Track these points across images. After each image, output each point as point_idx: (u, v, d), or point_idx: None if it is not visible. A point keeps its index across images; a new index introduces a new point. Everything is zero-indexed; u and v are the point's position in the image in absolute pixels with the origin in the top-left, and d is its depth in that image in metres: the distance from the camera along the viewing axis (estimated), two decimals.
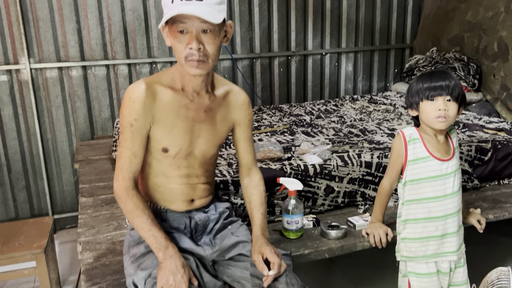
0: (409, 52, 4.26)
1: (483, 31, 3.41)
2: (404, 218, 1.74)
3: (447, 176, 1.68)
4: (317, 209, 2.11)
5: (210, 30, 1.38)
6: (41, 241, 2.32)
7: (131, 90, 1.45)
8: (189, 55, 1.38)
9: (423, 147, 1.69)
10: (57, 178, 3.35)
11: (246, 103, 1.64)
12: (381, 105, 3.49)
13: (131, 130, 1.45)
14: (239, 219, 1.72)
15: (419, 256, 1.72)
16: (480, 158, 2.36)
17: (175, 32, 1.39)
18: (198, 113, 1.53)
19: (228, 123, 1.62)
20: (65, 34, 3.18)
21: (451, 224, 1.70)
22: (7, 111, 3.14)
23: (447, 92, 1.62)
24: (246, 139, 1.68)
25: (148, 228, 1.43)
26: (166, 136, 1.50)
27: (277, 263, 1.45)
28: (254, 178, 1.71)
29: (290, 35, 3.80)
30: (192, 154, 1.56)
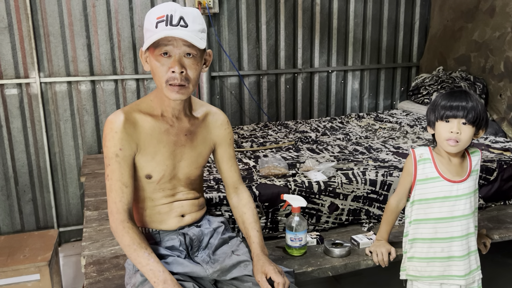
0: (415, 70, 4.28)
1: (490, 51, 3.42)
2: (411, 237, 1.74)
3: (457, 198, 1.66)
4: (321, 227, 2.10)
5: (193, 55, 1.41)
6: (46, 254, 2.33)
7: (111, 121, 1.45)
8: (170, 79, 1.40)
9: (433, 167, 1.67)
10: (63, 191, 3.37)
11: (225, 122, 1.66)
12: (387, 123, 3.49)
13: (117, 161, 1.45)
14: (239, 236, 1.71)
15: (424, 276, 1.71)
16: (486, 177, 2.35)
17: (157, 56, 1.40)
18: (179, 137, 1.54)
19: (209, 144, 1.64)
20: (75, 49, 3.24)
21: (457, 248, 1.67)
22: (16, 124, 3.18)
23: (462, 114, 1.56)
24: (230, 158, 1.68)
25: (145, 262, 1.41)
26: (149, 163, 1.50)
27: (281, 283, 1.45)
28: (243, 196, 1.70)
29: (297, 53, 3.84)
30: (175, 177, 1.57)
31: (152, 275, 1.40)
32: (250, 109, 3.78)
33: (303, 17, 3.79)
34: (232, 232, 1.72)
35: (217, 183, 2.15)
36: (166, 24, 1.37)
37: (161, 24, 1.37)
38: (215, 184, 2.12)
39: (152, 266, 1.41)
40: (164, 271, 1.41)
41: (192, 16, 1.40)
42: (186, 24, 1.38)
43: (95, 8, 3.23)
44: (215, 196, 1.97)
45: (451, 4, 3.84)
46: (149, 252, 1.43)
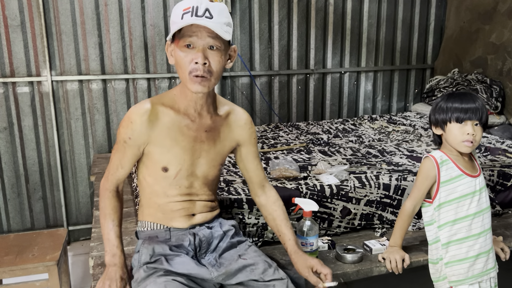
0: (430, 72, 4.21)
1: (507, 53, 3.35)
2: (445, 241, 1.70)
3: (480, 192, 1.70)
4: (333, 231, 2.06)
5: (217, 48, 1.42)
6: (55, 253, 2.31)
7: (132, 111, 1.51)
8: (193, 70, 1.41)
9: (455, 166, 1.69)
10: (73, 190, 3.37)
11: (249, 122, 1.66)
12: (400, 125, 3.43)
13: (124, 146, 1.52)
14: (248, 240, 1.68)
15: (468, 278, 1.68)
16: (503, 183, 2.29)
17: (181, 47, 1.42)
18: (199, 133, 1.54)
19: (229, 143, 1.63)
20: (87, 48, 3.23)
21: (489, 240, 1.71)
22: (27, 122, 3.19)
23: (476, 116, 1.63)
24: (255, 157, 1.69)
25: (107, 231, 1.52)
26: (165, 155, 1.52)
27: (329, 273, 1.53)
28: (271, 194, 1.71)
29: (309, 53, 3.80)
30: (193, 174, 1.57)
31: (107, 244, 1.52)
32: (261, 109, 3.75)
33: (316, 17, 3.74)
34: (242, 236, 1.70)
35: (227, 185, 2.11)
36: (192, 15, 1.38)
37: (186, 15, 1.38)
38: (225, 186, 2.09)
39: (110, 237, 1.51)
40: (118, 247, 1.51)
41: (218, 9, 1.40)
42: (211, 16, 1.38)
43: (107, 7, 3.22)
44: (226, 198, 1.94)
45: (468, 5, 3.77)
46: (115, 224, 1.53)
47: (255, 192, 1.72)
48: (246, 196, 1.95)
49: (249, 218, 1.94)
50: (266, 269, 1.52)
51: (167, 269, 1.47)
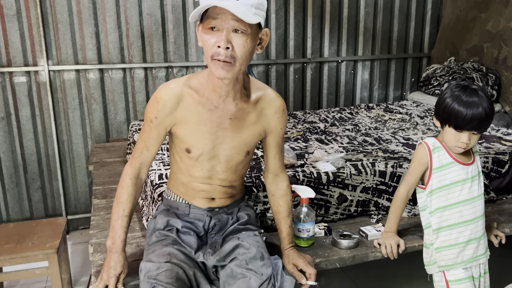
0: (426, 61, 4.22)
1: (503, 41, 3.36)
2: (436, 226, 1.73)
3: (472, 179, 1.71)
4: (330, 218, 2.09)
5: (242, 31, 1.33)
6: (54, 241, 2.34)
7: (159, 90, 1.50)
8: (215, 54, 1.34)
9: (447, 154, 1.71)
10: (71, 179, 3.39)
11: (280, 111, 1.59)
12: (396, 114, 3.45)
13: (149, 125, 1.51)
14: (258, 230, 1.68)
15: (457, 263, 1.71)
16: (497, 170, 2.31)
17: (206, 29, 1.36)
18: (222, 119, 1.51)
19: (257, 130, 1.58)
20: (83, 37, 3.22)
21: (481, 227, 1.73)
22: (24, 112, 3.19)
23: (476, 128, 1.61)
24: (276, 146, 1.65)
25: (115, 218, 1.53)
26: (189, 138, 1.52)
27: (313, 273, 1.59)
28: (281, 186, 1.71)
29: (306, 42, 3.80)
30: (216, 158, 1.56)
31: (111, 230, 1.54)
32: None
33: (313, 6, 3.74)
34: (254, 226, 1.69)
35: None
36: None
37: None
38: None
39: (116, 225, 1.53)
40: (119, 237, 1.52)
41: None
42: None
43: None
44: None
45: None
46: (124, 214, 1.53)
47: (267, 177, 1.72)
48: (245, 184, 1.97)
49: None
50: (256, 258, 1.51)
51: (175, 239, 1.55)
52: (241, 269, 1.48)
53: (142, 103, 3.44)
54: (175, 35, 3.42)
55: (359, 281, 2.65)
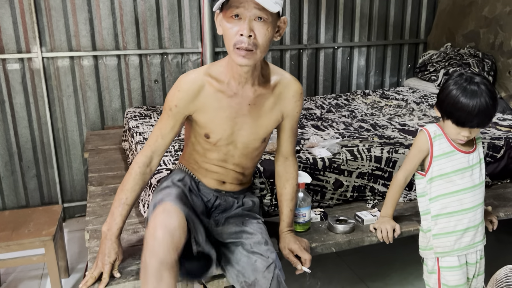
0: (422, 47, 4.20)
1: (500, 26, 3.35)
2: (435, 213, 1.73)
3: (473, 168, 1.70)
4: (326, 203, 2.09)
5: (264, 20, 1.37)
6: (50, 228, 2.33)
7: (180, 79, 1.53)
8: (238, 42, 1.38)
9: (447, 142, 1.70)
10: (67, 167, 3.37)
11: (298, 94, 1.61)
12: (393, 100, 3.45)
13: (168, 114, 1.54)
14: (260, 218, 1.71)
15: (454, 250, 1.71)
16: (493, 155, 2.32)
17: (228, 17, 1.38)
18: (241, 106, 1.54)
19: (275, 116, 1.61)
20: (77, 24, 3.19)
21: (479, 214, 1.72)
22: (18, 99, 3.16)
23: (478, 125, 1.60)
24: (290, 129, 1.68)
25: (116, 205, 1.53)
26: (208, 124, 1.55)
27: (308, 259, 1.59)
28: (289, 170, 1.73)
29: (302, 28, 3.77)
30: (233, 143, 1.59)
31: (110, 217, 1.53)
32: None
33: None
34: (258, 214, 1.73)
35: None
36: None
37: None
38: None
39: (115, 212, 1.52)
40: (116, 224, 1.52)
41: None
42: None
43: None
44: None
45: None
46: (126, 202, 1.52)
47: (277, 159, 1.75)
48: None
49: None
50: (261, 243, 1.56)
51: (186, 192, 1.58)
52: (246, 252, 1.53)
53: (137, 90, 3.42)
54: (169, 21, 3.39)
55: (355, 267, 2.67)
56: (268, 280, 1.47)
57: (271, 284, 1.47)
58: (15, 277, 2.64)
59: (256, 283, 1.47)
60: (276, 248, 1.68)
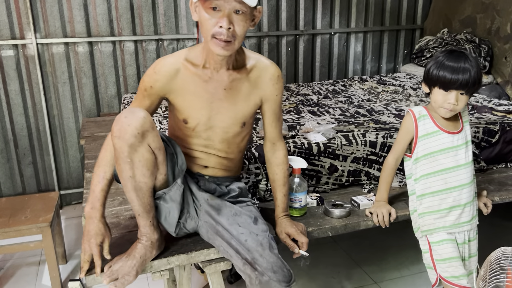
0: (419, 33, 4.18)
1: (496, 12, 3.33)
2: (420, 193, 1.76)
3: (458, 148, 1.72)
4: (321, 188, 2.10)
5: (243, 12, 1.41)
6: (47, 215, 2.34)
7: (157, 62, 1.56)
8: (217, 33, 1.41)
9: (432, 122, 1.73)
10: (63, 154, 3.37)
11: (276, 77, 1.62)
12: (390, 86, 3.44)
13: (143, 94, 1.56)
14: (249, 200, 1.72)
15: (439, 228, 1.74)
16: (488, 140, 2.33)
17: (207, 8, 1.40)
18: (217, 90, 1.56)
19: (253, 100, 1.62)
20: (71, 9, 3.16)
21: (466, 194, 1.74)
22: (13, 86, 3.14)
23: (463, 88, 1.62)
24: (272, 114, 1.67)
25: (95, 182, 1.50)
26: (185, 109, 1.57)
27: (305, 243, 1.61)
28: (279, 155, 1.73)
29: (299, 14, 3.75)
30: (212, 128, 1.60)
31: (90, 195, 1.50)
32: None
33: None
34: (246, 197, 1.73)
35: None
36: None
37: None
38: None
39: (96, 188, 1.49)
40: (99, 200, 1.49)
41: None
42: None
43: None
44: None
45: None
46: (105, 177, 1.50)
47: (265, 145, 1.75)
48: None
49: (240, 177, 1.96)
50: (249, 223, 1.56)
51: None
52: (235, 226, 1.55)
53: (132, 77, 3.40)
54: (165, 7, 3.36)
55: (351, 252, 2.69)
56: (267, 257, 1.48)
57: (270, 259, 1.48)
58: (12, 264, 2.65)
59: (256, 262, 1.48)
60: (273, 232, 1.70)
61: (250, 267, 1.48)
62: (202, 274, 2.32)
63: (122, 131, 1.37)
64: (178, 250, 1.61)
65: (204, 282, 2.37)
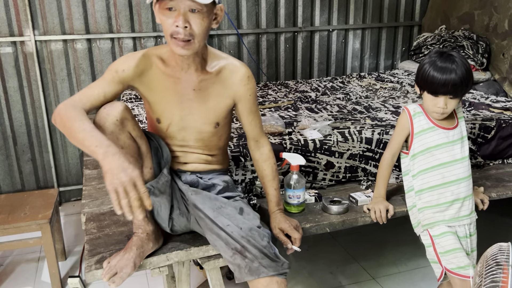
0: (417, 30, 4.19)
1: (494, 8, 3.34)
2: (418, 188, 1.78)
3: (453, 143, 1.75)
4: (318, 184, 2.11)
5: (199, 10, 1.40)
6: (46, 211, 2.35)
7: (131, 52, 1.56)
8: (174, 33, 1.41)
9: (427, 119, 1.76)
10: (62, 151, 3.37)
11: (246, 78, 1.61)
12: (388, 83, 3.45)
13: (112, 75, 1.49)
14: (239, 195, 1.69)
15: (439, 221, 1.75)
16: (484, 136, 2.34)
17: (163, 9, 1.41)
18: (186, 90, 1.56)
19: (224, 100, 1.61)
20: (70, 6, 3.16)
21: (464, 188, 1.76)
22: (12, 83, 3.15)
23: (451, 92, 1.65)
24: (249, 113, 1.66)
25: (89, 129, 1.29)
26: (157, 107, 1.57)
27: (298, 238, 1.62)
28: (264, 151, 1.72)
29: (297, 11, 3.75)
30: (185, 129, 1.61)
31: (94, 140, 1.26)
32: None
33: None
34: (235, 192, 1.70)
35: None
36: None
37: None
38: None
39: (95, 133, 1.29)
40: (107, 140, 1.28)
41: None
42: None
43: None
44: None
45: None
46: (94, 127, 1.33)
47: (250, 146, 1.74)
48: (231, 153, 1.98)
49: (236, 175, 1.98)
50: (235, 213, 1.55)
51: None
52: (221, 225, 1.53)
53: None
54: None
55: (349, 247, 2.70)
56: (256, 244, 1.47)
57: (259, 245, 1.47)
58: (12, 260, 2.67)
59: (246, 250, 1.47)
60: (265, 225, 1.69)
61: (240, 256, 1.47)
62: (201, 270, 2.33)
63: (102, 120, 1.40)
64: (177, 246, 1.63)
65: (203, 278, 2.38)
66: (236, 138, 2.16)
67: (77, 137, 1.30)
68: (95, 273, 1.50)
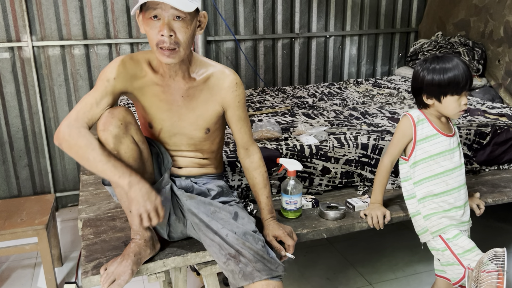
0: (414, 36, 4.22)
1: (489, 15, 3.37)
2: (421, 196, 1.77)
3: (453, 150, 1.77)
4: (314, 189, 2.12)
5: (182, 18, 1.40)
6: (43, 217, 2.34)
7: (121, 57, 1.54)
8: (160, 42, 1.41)
9: (430, 126, 1.76)
10: (59, 157, 3.37)
11: (233, 85, 1.60)
12: (385, 89, 3.47)
13: (105, 85, 1.48)
14: (234, 199, 1.71)
15: (447, 226, 1.75)
16: (479, 142, 2.35)
17: (147, 19, 1.42)
18: (174, 97, 1.57)
19: (213, 106, 1.61)
20: (67, 12, 3.17)
21: (464, 195, 1.78)
22: (9, 88, 3.15)
23: (470, 84, 1.68)
24: (239, 120, 1.65)
25: (106, 159, 1.38)
26: (148, 110, 1.59)
27: (292, 245, 1.62)
28: (254, 159, 1.71)
29: (294, 17, 3.77)
30: (176, 135, 1.62)
31: (115, 170, 1.37)
32: (246, 74, 3.74)
33: None
34: (230, 197, 1.72)
35: None
36: None
37: None
38: None
39: (114, 162, 1.38)
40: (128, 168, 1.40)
41: None
42: None
43: None
44: None
45: None
46: (108, 152, 1.40)
47: (239, 154, 1.73)
48: (227, 159, 1.99)
49: (232, 180, 1.98)
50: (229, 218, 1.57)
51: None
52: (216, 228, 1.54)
53: None
54: None
55: (346, 253, 2.70)
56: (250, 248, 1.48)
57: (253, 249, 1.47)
58: (8, 266, 2.65)
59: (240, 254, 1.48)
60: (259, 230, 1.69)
61: (234, 261, 1.47)
62: (198, 276, 2.33)
63: (106, 123, 1.42)
64: (174, 252, 1.63)
65: (200, 284, 2.38)
66: (233, 144, 2.17)
67: (95, 167, 1.40)
68: (92, 279, 1.50)
